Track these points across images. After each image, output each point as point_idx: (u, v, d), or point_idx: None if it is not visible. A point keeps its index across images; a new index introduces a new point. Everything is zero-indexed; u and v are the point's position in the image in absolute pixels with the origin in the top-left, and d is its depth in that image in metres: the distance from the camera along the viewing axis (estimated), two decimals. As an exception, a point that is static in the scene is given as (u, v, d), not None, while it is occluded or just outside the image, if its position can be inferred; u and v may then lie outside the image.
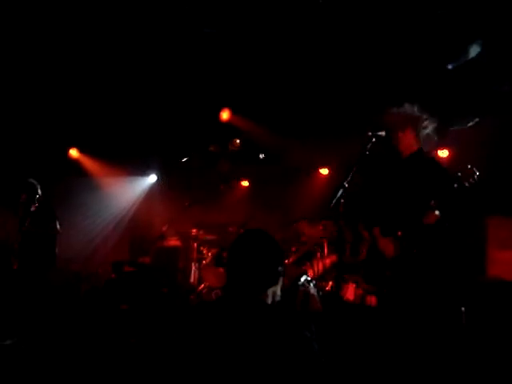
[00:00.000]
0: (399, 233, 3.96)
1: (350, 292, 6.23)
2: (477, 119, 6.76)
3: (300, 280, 6.04)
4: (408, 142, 4.14)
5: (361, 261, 5.66)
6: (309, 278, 6.18)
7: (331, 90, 7.11)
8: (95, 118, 8.47)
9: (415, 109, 4.16)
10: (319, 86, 7.13)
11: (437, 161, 4.26)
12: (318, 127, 7.85)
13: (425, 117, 4.16)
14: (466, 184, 3.67)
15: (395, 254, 3.95)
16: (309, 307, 5.85)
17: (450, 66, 6.02)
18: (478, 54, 5.75)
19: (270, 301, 2.39)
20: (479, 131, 6.64)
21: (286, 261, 6.70)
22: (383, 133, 3.98)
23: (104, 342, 5.51)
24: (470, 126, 6.85)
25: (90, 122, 8.55)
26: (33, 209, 6.46)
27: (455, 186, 3.69)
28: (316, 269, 6.83)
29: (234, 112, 8.30)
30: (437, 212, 3.79)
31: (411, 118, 4.13)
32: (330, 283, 6.57)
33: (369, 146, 3.90)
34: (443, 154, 7.16)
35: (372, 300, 5.72)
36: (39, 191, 6.55)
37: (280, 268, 2.43)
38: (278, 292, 2.44)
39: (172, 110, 8.24)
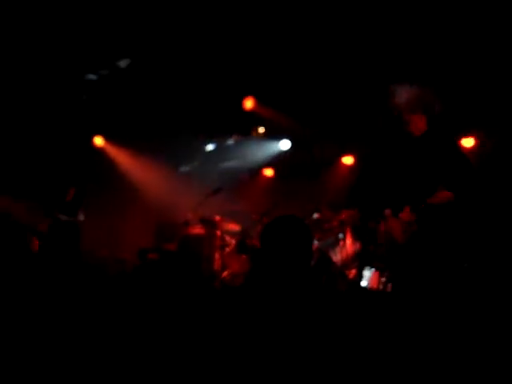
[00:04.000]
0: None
1: (373, 280, 6.23)
2: None
3: None
4: (418, 124, 4.11)
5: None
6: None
7: (354, 76, 7.09)
8: (121, 106, 8.58)
9: (426, 91, 4.11)
10: (342, 73, 7.11)
11: (453, 139, 4.19)
12: (340, 116, 7.84)
13: (436, 99, 4.12)
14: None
15: (403, 235, 3.94)
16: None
17: None
18: None
19: (299, 284, 2.42)
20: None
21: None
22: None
23: (129, 327, 5.60)
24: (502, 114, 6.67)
25: (116, 109, 8.66)
26: (64, 198, 6.68)
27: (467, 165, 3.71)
28: (339, 257, 6.84)
29: (257, 100, 8.31)
30: (447, 191, 3.78)
31: (421, 100, 4.09)
32: (354, 271, 6.58)
33: (380, 130, 3.89)
34: (468, 143, 6.99)
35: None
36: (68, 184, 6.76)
37: (311, 252, 2.48)
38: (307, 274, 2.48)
39: (196, 98, 8.30)
